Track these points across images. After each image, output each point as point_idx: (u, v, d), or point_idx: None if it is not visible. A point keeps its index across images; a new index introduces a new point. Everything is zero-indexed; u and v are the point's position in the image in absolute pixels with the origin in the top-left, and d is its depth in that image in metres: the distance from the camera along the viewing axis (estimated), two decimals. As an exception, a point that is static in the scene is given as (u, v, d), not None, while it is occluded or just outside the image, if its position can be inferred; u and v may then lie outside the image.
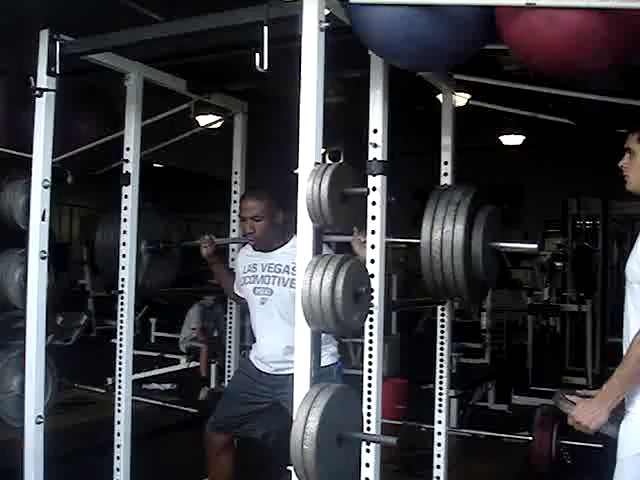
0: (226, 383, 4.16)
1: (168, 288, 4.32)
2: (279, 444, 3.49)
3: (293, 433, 1.93)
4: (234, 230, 4.13)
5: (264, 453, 3.57)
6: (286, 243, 3.46)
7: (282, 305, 3.36)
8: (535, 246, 3.01)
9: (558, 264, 8.03)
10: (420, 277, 2.92)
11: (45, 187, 2.85)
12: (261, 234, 3.42)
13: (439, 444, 3.41)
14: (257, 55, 2.20)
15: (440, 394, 3.47)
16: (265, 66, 2.20)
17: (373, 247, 2.64)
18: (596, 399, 2.31)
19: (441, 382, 3.48)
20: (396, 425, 4.66)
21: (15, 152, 3.42)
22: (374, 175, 2.67)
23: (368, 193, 2.51)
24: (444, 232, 2.72)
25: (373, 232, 2.63)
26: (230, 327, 4.20)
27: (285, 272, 3.40)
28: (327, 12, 2.20)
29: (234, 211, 4.11)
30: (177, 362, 7.48)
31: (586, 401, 2.35)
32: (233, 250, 4.11)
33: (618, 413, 2.31)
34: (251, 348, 3.63)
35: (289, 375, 3.26)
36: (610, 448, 2.37)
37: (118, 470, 3.25)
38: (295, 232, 2.22)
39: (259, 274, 3.48)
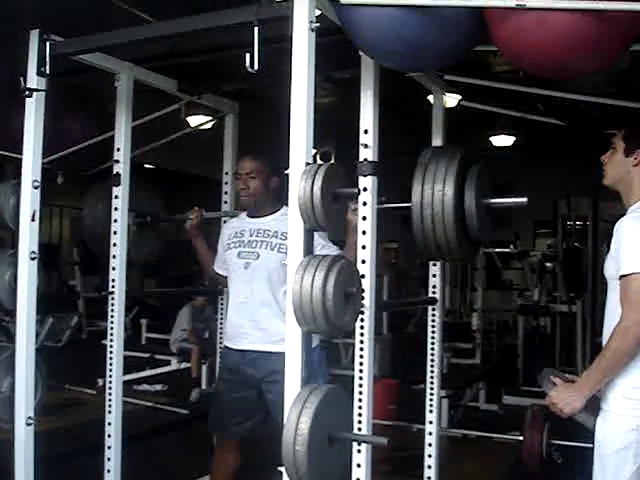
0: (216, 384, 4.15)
1: (157, 289, 4.31)
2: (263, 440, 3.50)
3: (285, 434, 1.93)
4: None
5: (254, 453, 3.56)
6: (277, 211, 3.44)
7: (266, 270, 3.31)
8: (525, 199, 3.09)
9: (548, 264, 8.06)
10: (412, 278, 2.92)
11: (35, 188, 2.83)
12: (254, 191, 3.40)
13: (430, 444, 3.42)
14: (247, 55, 2.20)
15: (431, 394, 3.47)
16: (256, 67, 2.20)
17: (364, 247, 2.64)
18: (575, 385, 2.37)
19: (432, 382, 3.48)
20: (387, 425, 4.66)
21: (5, 152, 3.41)
22: (365, 176, 2.67)
23: (359, 194, 2.52)
24: (435, 191, 2.69)
25: (364, 233, 2.64)
26: (221, 328, 4.18)
27: (274, 237, 3.36)
28: (318, 13, 2.20)
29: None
30: (168, 363, 7.47)
31: (566, 385, 2.40)
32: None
33: (595, 404, 2.34)
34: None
35: (262, 353, 3.29)
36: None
37: (109, 471, 3.24)
38: (287, 203, 2.20)
39: (246, 239, 3.44)
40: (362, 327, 2.67)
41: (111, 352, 3.30)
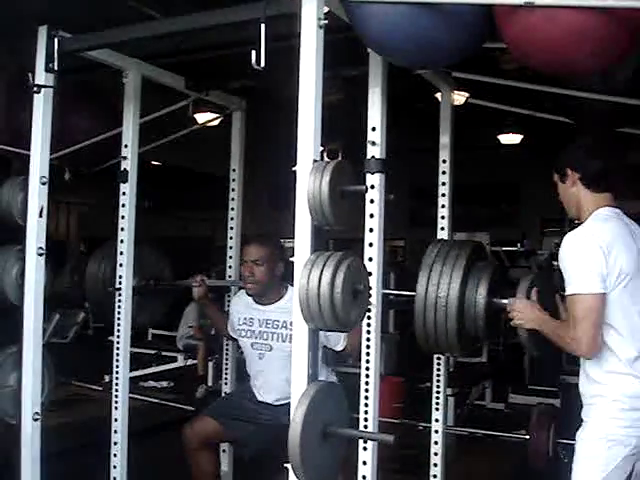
0: (223, 381, 4.16)
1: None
2: (254, 459, 3.60)
3: (291, 432, 1.93)
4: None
5: (262, 451, 3.56)
6: (282, 298, 3.48)
7: (282, 361, 3.32)
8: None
9: (555, 263, 8.01)
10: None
11: (43, 184, 2.84)
12: (259, 279, 3.43)
13: (436, 442, 3.42)
14: (253, 53, 2.19)
15: (437, 392, 3.47)
16: (262, 64, 2.19)
17: (371, 245, 2.64)
18: (538, 314, 2.60)
19: (438, 380, 3.48)
20: (393, 423, 4.65)
21: (13, 149, 3.41)
22: (372, 173, 2.67)
23: (366, 191, 2.51)
24: (440, 288, 2.70)
25: (371, 230, 2.63)
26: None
27: (283, 328, 3.43)
28: (326, 10, 2.20)
29: (232, 209, 4.11)
30: (174, 360, 7.48)
31: (532, 306, 2.64)
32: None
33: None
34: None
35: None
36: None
37: (115, 467, 3.25)
38: (290, 283, 2.21)
39: (256, 329, 3.51)
40: (369, 325, 2.67)
41: (117, 349, 3.31)
